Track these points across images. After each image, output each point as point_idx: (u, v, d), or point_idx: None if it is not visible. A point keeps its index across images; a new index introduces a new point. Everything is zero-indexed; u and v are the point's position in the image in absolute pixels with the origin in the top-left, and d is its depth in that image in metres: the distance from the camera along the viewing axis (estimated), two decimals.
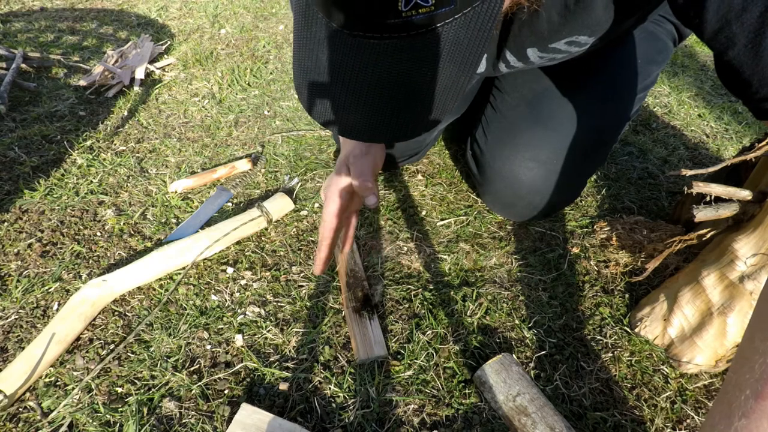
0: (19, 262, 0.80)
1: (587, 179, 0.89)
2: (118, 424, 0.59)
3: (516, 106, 0.83)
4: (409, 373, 0.66)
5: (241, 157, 1.05)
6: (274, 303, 0.75)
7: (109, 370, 0.65)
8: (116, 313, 0.73)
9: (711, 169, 0.80)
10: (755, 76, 0.43)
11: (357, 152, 0.64)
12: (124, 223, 0.88)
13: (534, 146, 0.80)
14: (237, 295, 0.76)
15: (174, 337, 0.70)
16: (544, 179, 0.80)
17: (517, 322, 0.74)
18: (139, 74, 1.32)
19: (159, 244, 0.85)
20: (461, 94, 0.41)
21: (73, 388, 0.63)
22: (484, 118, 0.89)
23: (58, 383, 0.64)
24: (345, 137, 0.44)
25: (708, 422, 0.38)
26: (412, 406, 0.63)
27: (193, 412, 0.61)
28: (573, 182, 0.85)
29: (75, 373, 0.65)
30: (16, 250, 0.82)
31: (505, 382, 0.62)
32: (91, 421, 0.60)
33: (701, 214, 0.66)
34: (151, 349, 0.68)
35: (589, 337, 0.72)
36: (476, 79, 0.90)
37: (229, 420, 0.60)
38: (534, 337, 0.72)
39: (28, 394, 0.62)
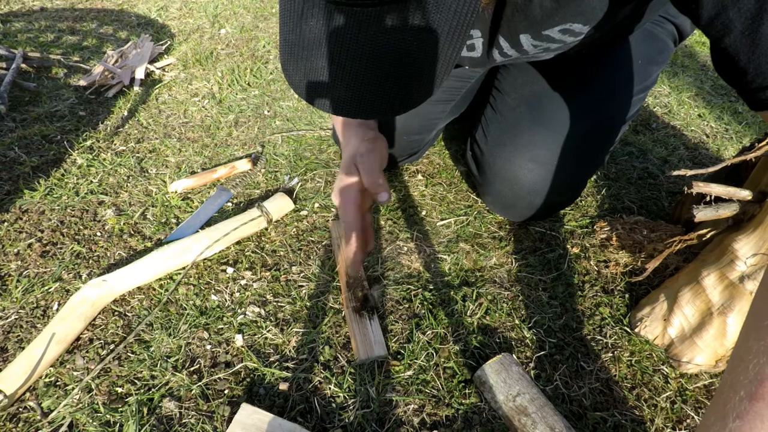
0: (19, 262, 0.80)
1: (587, 180, 0.89)
2: (118, 424, 0.59)
3: (516, 107, 0.83)
4: (409, 373, 0.66)
5: (241, 157, 1.05)
6: (274, 303, 0.75)
7: (109, 370, 0.65)
8: (116, 313, 0.73)
9: (711, 169, 0.80)
10: (751, 64, 0.42)
11: (363, 150, 0.63)
12: (124, 223, 0.88)
13: (534, 147, 0.80)
14: (237, 295, 0.76)
15: (174, 337, 0.70)
16: (544, 180, 0.80)
17: (517, 322, 0.74)
18: (139, 74, 1.32)
19: (159, 244, 0.85)
20: (451, 65, 0.40)
21: (73, 388, 0.63)
22: (484, 119, 0.89)
23: (58, 383, 0.64)
24: (333, 114, 0.43)
25: (704, 422, 0.37)
26: (412, 406, 0.63)
27: (193, 412, 0.61)
28: (573, 183, 0.85)
29: (75, 373, 0.65)
30: (16, 250, 0.82)
31: (505, 382, 0.62)
32: (91, 421, 0.60)
33: (701, 214, 0.66)
34: (151, 349, 0.68)
35: (589, 337, 0.72)
36: (479, 73, 0.90)
37: (229, 420, 0.60)
38: (534, 337, 0.72)
39: (28, 394, 0.62)
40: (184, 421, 0.60)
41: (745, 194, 0.66)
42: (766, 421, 0.31)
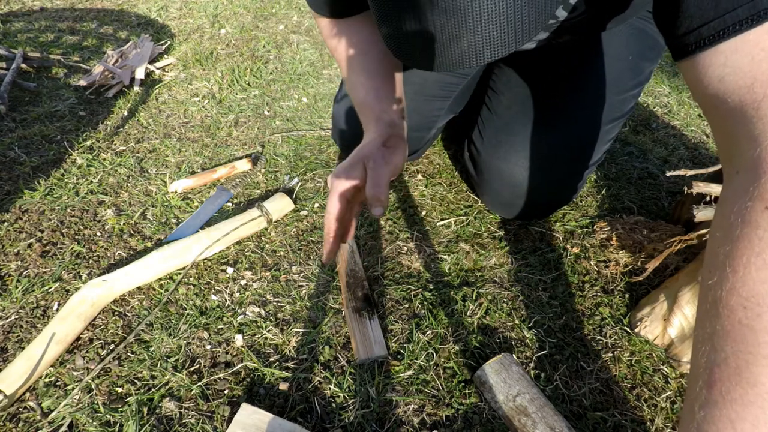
0: (19, 262, 0.80)
1: (585, 177, 0.89)
2: (118, 424, 0.59)
3: (510, 107, 0.83)
4: (409, 373, 0.66)
5: (241, 157, 1.05)
6: (274, 303, 0.75)
7: (109, 370, 0.65)
8: (116, 313, 0.73)
9: (711, 169, 0.80)
10: (681, 6, 0.38)
11: (378, 158, 0.60)
12: (124, 223, 0.88)
13: (529, 145, 0.80)
14: (237, 295, 0.76)
15: (174, 337, 0.70)
16: (540, 178, 0.80)
17: (517, 322, 0.74)
18: (139, 74, 1.32)
19: (159, 244, 0.85)
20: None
21: (73, 388, 0.63)
22: (480, 119, 0.89)
23: (58, 383, 0.64)
24: (464, 66, 0.47)
25: (681, 415, 0.37)
26: (412, 406, 0.63)
27: (193, 412, 0.61)
28: (570, 181, 0.85)
29: (75, 373, 0.65)
30: (16, 250, 0.82)
31: (505, 382, 0.62)
32: (91, 421, 0.60)
33: (701, 214, 0.66)
34: (151, 349, 0.68)
35: (589, 337, 0.72)
36: (475, 69, 0.89)
37: (229, 420, 0.60)
38: (534, 337, 0.72)
39: (28, 394, 0.62)
40: (184, 421, 0.60)
41: None
42: (722, 409, 0.31)
